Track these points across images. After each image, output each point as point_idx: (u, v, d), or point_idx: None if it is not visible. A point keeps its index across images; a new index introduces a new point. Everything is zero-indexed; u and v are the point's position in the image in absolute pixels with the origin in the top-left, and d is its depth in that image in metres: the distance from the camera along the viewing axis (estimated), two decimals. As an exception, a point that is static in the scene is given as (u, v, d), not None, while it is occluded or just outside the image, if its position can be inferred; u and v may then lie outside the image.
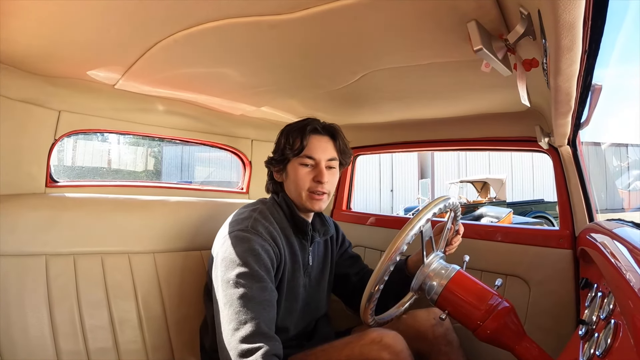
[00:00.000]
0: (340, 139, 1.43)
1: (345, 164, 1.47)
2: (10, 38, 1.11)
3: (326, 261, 1.53)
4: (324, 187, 1.35)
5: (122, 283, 1.49)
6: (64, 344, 1.32)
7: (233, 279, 1.16)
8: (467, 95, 1.51)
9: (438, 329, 1.40)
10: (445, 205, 1.25)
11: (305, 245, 1.41)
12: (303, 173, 1.35)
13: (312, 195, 1.35)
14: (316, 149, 1.36)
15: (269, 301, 1.18)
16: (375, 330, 1.21)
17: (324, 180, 1.34)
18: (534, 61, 0.87)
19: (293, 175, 1.36)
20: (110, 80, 1.44)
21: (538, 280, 1.61)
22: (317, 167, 1.36)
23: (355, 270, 1.61)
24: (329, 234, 1.51)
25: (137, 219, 1.58)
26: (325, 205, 1.39)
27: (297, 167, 1.35)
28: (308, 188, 1.35)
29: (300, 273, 1.38)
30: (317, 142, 1.37)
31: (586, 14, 0.57)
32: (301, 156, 1.35)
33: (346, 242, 1.66)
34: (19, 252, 1.32)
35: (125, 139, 8.44)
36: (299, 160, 1.35)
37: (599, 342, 0.75)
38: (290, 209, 1.38)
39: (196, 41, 1.08)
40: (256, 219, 1.29)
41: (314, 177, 1.35)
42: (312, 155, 1.35)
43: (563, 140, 1.38)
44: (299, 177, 1.35)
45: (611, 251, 0.94)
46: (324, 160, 1.37)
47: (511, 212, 8.97)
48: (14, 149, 1.43)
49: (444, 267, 1.28)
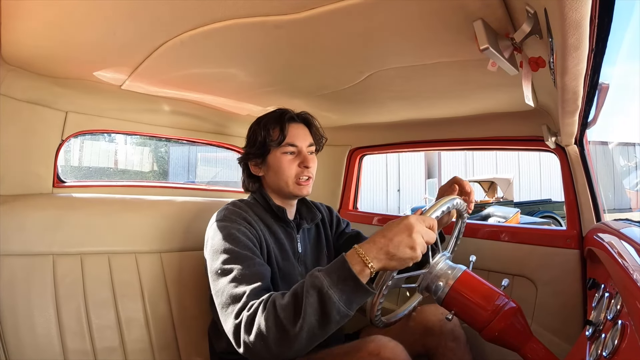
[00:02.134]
0: (314, 126, 1.46)
1: (320, 149, 1.49)
2: (17, 40, 1.12)
3: (320, 247, 1.52)
4: (309, 171, 1.37)
5: (129, 283, 1.49)
6: (70, 343, 1.33)
7: (219, 267, 1.14)
8: (474, 95, 1.50)
9: (446, 324, 1.39)
10: (452, 204, 1.25)
11: (291, 233, 1.41)
12: (287, 161, 1.36)
13: (299, 181, 1.36)
14: (297, 137, 1.38)
15: (261, 273, 1.14)
16: (373, 341, 1.17)
17: (310, 164, 1.36)
18: (540, 60, 0.87)
19: (276, 165, 1.37)
20: (117, 81, 1.44)
21: (545, 280, 1.60)
22: (301, 153, 1.37)
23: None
24: (316, 219, 1.52)
25: (143, 219, 1.59)
26: (310, 189, 1.40)
27: (280, 157, 1.36)
28: (295, 174, 1.36)
29: (292, 262, 1.37)
30: (296, 129, 1.39)
31: (593, 12, 0.57)
32: (283, 145, 1.35)
33: (342, 223, 1.65)
34: (27, 252, 1.33)
35: (132, 139, 8.50)
36: (281, 149, 1.36)
37: (606, 343, 0.75)
38: (266, 199, 1.39)
39: (202, 42, 1.08)
40: (227, 209, 1.31)
41: (300, 164, 1.36)
42: (294, 143, 1.37)
43: (570, 139, 1.37)
44: (283, 166, 1.36)
45: (618, 251, 0.93)
46: (305, 146, 1.38)
47: (518, 212, 8.85)
48: (22, 149, 1.44)
49: (450, 267, 1.27)
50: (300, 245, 1.44)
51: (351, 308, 0.96)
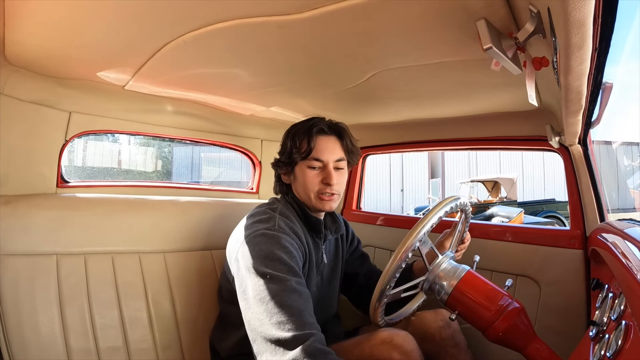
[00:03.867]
0: (347, 138, 1.40)
1: (353, 163, 1.44)
2: (20, 40, 1.12)
3: (337, 259, 1.52)
4: (332, 188, 1.33)
5: (133, 282, 1.50)
6: (74, 343, 1.34)
7: (269, 273, 1.09)
8: (477, 94, 1.50)
9: (445, 330, 1.39)
10: (456, 204, 1.25)
11: (318, 244, 1.40)
12: (311, 176, 1.33)
13: (322, 196, 1.33)
14: (323, 151, 1.33)
15: (308, 294, 1.13)
16: (385, 330, 1.20)
17: (332, 182, 1.32)
18: (544, 60, 0.86)
19: (301, 177, 1.34)
20: (120, 82, 1.45)
21: (549, 280, 1.60)
22: (326, 169, 1.33)
23: (364, 270, 1.60)
24: (340, 231, 1.50)
25: (147, 219, 1.60)
26: (336, 204, 1.37)
27: (305, 170, 1.33)
28: (317, 190, 1.33)
29: (313, 272, 1.37)
30: (325, 143, 1.35)
31: (596, 11, 0.57)
32: (309, 159, 1.32)
33: (356, 240, 1.66)
34: (31, 252, 1.34)
35: (135, 139, 8.50)
36: (306, 163, 1.33)
37: (610, 344, 0.75)
38: (302, 209, 1.37)
39: (205, 42, 1.08)
40: (280, 218, 1.27)
41: (323, 180, 1.33)
42: (320, 158, 1.33)
43: (574, 139, 1.37)
44: (307, 180, 1.33)
45: (622, 251, 0.93)
46: (332, 161, 1.34)
47: (522, 212, 8.81)
48: (26, 150, 1.45)
49: (454, 268, 1.27)
50: (325, 256, 1.43)
51: None
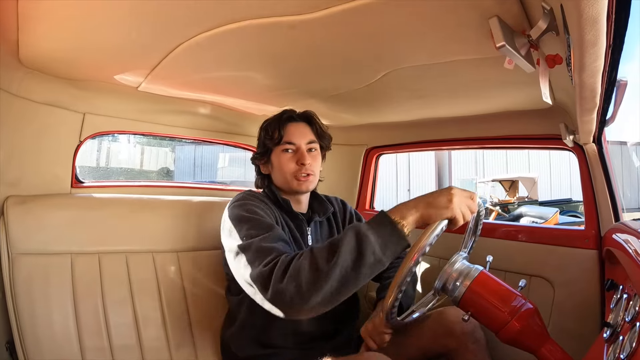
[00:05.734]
0: (316, 123, 1.50)
1: (326, 147, 1.54)
2: (33, 43, 1.14)
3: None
4: (306, 169, 1.42)
5: (146, 281, 1.51)
6: (88, 341, 1.35)
7: (244, 233, 1.17)
8: (490, 93, 1.49)
9: (466, 325, 1.38)
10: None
11: (301, 226, 1.45)
12: (286, 159, 1.42)
13: (298, 177, 1.42)
14: (294, 135, 1.44)
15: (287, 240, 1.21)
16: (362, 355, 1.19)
17: (306, 162, 1.41)
18: (557, 57, 0.85)
19: (277, 162, 1.44)
20: (134, 83, 1.46)
21: (562, 281, 1.57)
22: (299, 151, 1.43)
23: None
24: (328, 212, 1.55)
25: (161, 219, 1.61)
26: (312, 185, 1.47)
27: (280, 155, 1.43)
28: (293, 172, 1.41)
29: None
30: (295, 128, 1.45)
31: (609, 8, 0.56)
32: (282, 143, 1.42)
33: (356, 218, 1.66)
34: (45, 251, 1.36)
35: (149, 140, 8.57)
36: (280, 147, 1.43)
37: (624, 346, 0.73)
38: (274, 193, 1.44)
39: (217, 43, 1.09)
40: (246, 193, 1.38)
41: (297, 161, 1.42)
42: (292, 141, 1.43)
43: (588, 137, 1.35)
44: (282, 163, 1.42)
45: (637, 251, 0.92)
46: (304, 144, 1.44)
47: (558, 211, 8.27)
48: (41, 151, 1.47)
49: (467, 268, 1.26)
50: (311, 238, 1.47)
51: (385, 254, 0.99)
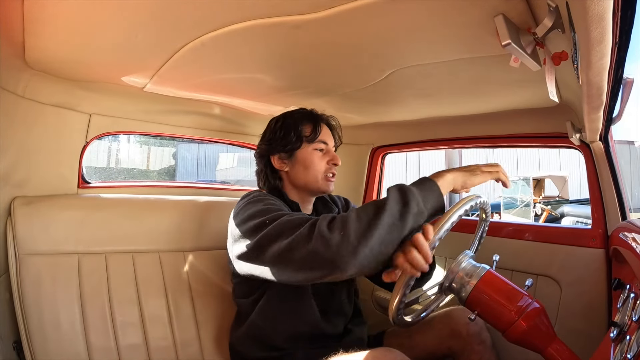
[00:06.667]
0: (336, 129, 1.51)
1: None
2: (39, 45, 1.14)
3: None
4: (335, 169, 1.43)
5: (153, 281, 1.52)
6: (95, 340, 1.36)
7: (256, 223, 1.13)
8: (496, 91, 1.48)
9: (472, 327, 1.38)
10: (476, 203, 1.23)
11: None
12: (318, 157, 1.40)
13: (328, 177, 1.41)
14: (327, 135, 1.44)
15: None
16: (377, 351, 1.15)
17: (339, 162, 1.42)
18: (563, 54, 0.85)
19: (307, 160, 1.39)
20: (139, 84, 1.46)
21: (569, 280, 1.57)
22: (330, 152, 1.43)
23: None
24: (332, 213, 1.51)
25: (167, 219, 1.62)
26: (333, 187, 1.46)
27: (311, 152, 1.40)
28: (324, 171, 1.40)
29: None
30: (325, 129, 1.45)
31: (615, 5, 0.56)
32: (317, 141, 1.40)
33: None
34: (52, 251, 1.37)
35: (155, 140, 8.58)
36: (313, 145, 1.40)
37: (631, 345, 0.73)
38: (282, 194, 1.40)
39: (222, 43, 1.09)
40: (253, 193, 1.34)
41: (329, 161, 1.41)
42: (326, 140, 1.42)
43: (595, 135, 1.34)
44: (314, 161, 1.39)
45: (645, 250, 0.91)
46: (332, 145, 1.46)
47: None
48: (47, 151, 1.48)
49: (473, 267, 1.25)
50: None
51: (427, 206, 1.02)
